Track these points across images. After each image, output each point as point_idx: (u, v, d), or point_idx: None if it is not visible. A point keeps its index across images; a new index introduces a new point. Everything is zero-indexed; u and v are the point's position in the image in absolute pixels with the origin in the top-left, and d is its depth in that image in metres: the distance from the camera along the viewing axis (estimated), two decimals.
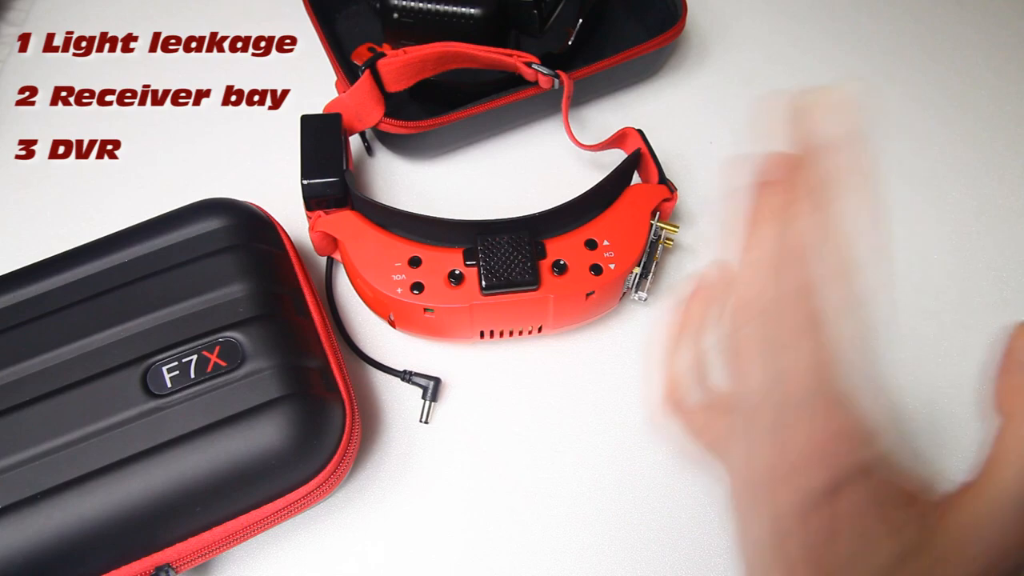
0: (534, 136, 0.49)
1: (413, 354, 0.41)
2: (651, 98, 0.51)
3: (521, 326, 0.39)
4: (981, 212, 0.47)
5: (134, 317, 0.34)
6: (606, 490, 0.38)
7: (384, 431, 0.39)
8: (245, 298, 0.34)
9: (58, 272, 0.36)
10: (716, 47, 0.54)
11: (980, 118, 0.51)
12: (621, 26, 0.52)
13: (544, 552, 0.36)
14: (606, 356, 0.42)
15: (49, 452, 0.31)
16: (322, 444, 0.33)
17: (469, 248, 0.37)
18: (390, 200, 0.46)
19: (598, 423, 0.40)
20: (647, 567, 0.36)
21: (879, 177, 0.23)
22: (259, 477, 0.32)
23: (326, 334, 0.37)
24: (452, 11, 0.46)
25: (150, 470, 0.30)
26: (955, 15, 0.56)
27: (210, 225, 0.37)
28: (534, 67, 0.43)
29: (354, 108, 0.43)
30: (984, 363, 0.43)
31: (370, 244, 0.38)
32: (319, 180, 0.38)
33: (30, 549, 0.29)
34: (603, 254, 0.38)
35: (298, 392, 0.33)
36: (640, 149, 0.43)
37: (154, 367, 0.33)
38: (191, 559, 0.32)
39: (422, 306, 0.37)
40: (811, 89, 0.23)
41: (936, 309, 0.44)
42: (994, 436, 0.22)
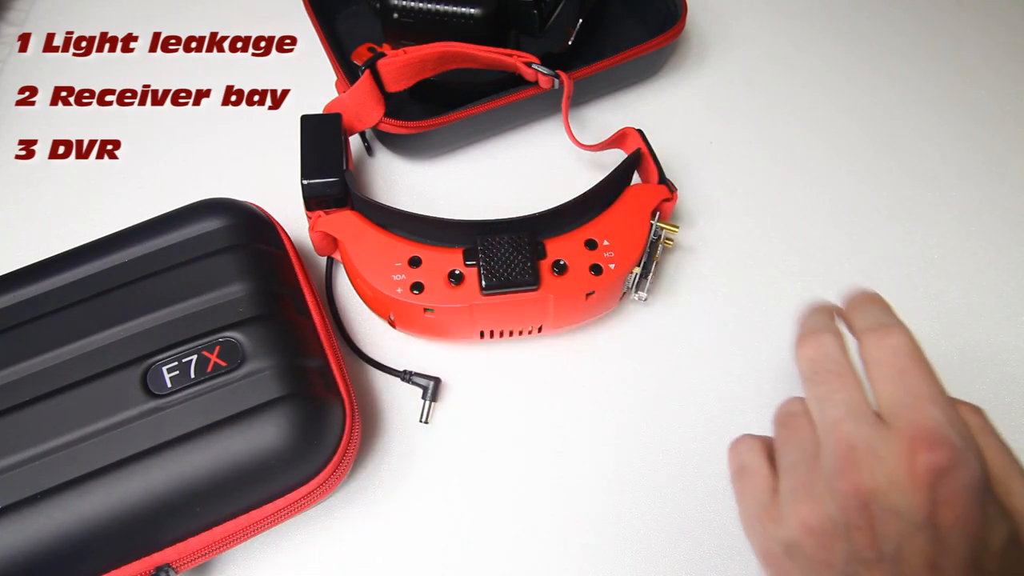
0: (534, 136, 0.49)
1: (413, 354, 0.41)
2: (651, 98, 0.51)
3: (521, 326, 0.39)
4: (982, 212, 0.47)
5: (134, 317, 0.34)
6: (606, 490, 0.38)
7: (384, 431, 0.39)
8: (245, 298, 0.34)
9: (58, 272, 0.36)
10: (716, 47, 0.54)
11: (980, 118, 0.51)
12: (621, 26, 0.52)
13: (544, 552, 0.36)
14: (606, 356, 0.42)
15: (49, 452, 0.31)
16: (322, 444, 0.33)
17: (469, 248, 0.37)
18: (390, 200, 0.46)
19: (598, 423, 0.40)
20: (647, 567, 0.36)
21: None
22: (259, 477, 0.32)
23: (326, 334, 0.37)
24: (452, 11, 0.46)
25: (150, 470, 0.30)
26: (955, 15, 0.57)
27: (210, 225, 0.37)
28: (534, 67, 0.43)
29: (354, 108, 0.43)
30: (984, 364, 0.43)
31: (370, 244, 0.38)
32: (319, 180, 0.38)
33: (30, 549, 0.29)
34: (603, 254, 0.38)
35: (298, 392, 0.33)
36: (640, 149, 0.43)
37: (154, 367, 0.33)
38: (191, 559, 0.32)
39: (422, 306, 0.37)
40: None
41: (936, 309, 0.44)
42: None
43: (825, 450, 0.25)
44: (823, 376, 0.26)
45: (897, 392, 0.25)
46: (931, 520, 0.23)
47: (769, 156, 0.49)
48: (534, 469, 0.38)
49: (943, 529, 0.23)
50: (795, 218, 0.47)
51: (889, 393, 0.25)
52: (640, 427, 0.40)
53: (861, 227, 0.47)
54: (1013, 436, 0.40)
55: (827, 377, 0.26)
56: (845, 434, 0.24)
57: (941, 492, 0.23)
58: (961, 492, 0.23)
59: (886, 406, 0.25)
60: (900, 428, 0.24)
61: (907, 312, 0.43)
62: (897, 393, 0.25)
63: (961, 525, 0.23)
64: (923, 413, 0.24)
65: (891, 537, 0.23)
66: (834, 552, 0.24)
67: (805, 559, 0.25)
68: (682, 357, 0.41)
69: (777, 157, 0.49)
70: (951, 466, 0.23)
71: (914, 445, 0.23)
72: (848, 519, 0.24)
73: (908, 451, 0.23)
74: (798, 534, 0.25)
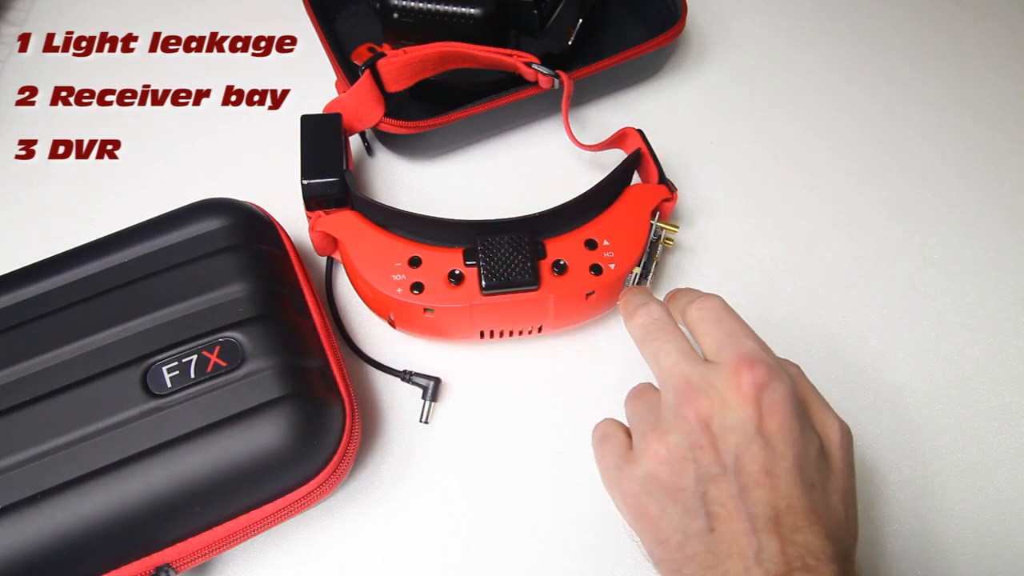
0: (534, 136, 0.49)
1: (413, 354, 0.41)
2: (651, 98, 0.51)
3: (521, 326, 0.39)
4: (982, 212, 0.47)
5: (134, 317, 0.34)
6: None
7: (384, 431, 0.39)
8: (245, 298, 0.34)
9: (58, 272, 0.36)
10: (716, 47, 0.54)
11: (980, 118, 0.51)
12: (621, 26, 0.52)
13: (544, 552, 0.36)
14: (606, 356, 0.42)
15: (49, 452, 0.31)
16: (322, 444, 0.33)
17: (469, 248, 0.37)
18: (390, 200, 0.46)
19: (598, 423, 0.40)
20: (647, 567, 0.36)
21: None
22: (259, 477, 0.32)
23: (326, 334, 0.37)
24: (452, 11, 0.46)
25: (150, 470, 0.30)
26: (955, 15, 0.57)
27: (210, 225, 0.37)
28: (534, 67, 0.43)
29: (354, 108, 0.43)
30: (980, 362, 0.43)
31: (370, 244, 0.38)
32: (319, 180, 0.38)
33: (30, 549, 0.29)
34: (603, 254, 0.38)
35: (298, 392, 0.33)
36: (640, 149, 0.43)
37: (154, 367, 0.33)
38: (191, 559, 0.32)
39: (422, 306, 0.37)
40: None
41: (935, 309, 0.44)
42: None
43: (666, 392, 0.29)
44: (655, 334, 0.31)
45: (718, 336, 0.29)
46: (760, 430, 0.27)
47: (769, 156, 0.49)
48: (534, 469, 0.38)
49: (771, 437, 0.27)
50: (795, 218, 0.47)
51: (712, 339, 0.30)
52: None
53: (861, 227, 0.47)
54: (1013, 436, 0.40)
55: (658, 334, 0.31)
56: (681, 372, 0.29)
57: (765, 403, 0.27)
58: (781, 402, 0.27)
59: (711, 349, 0.29)
60: (725, 360, 0.28)
61: (907, 312, 0.44)
62: (718, 337, 0.29)
63: (784, 432, 0.27)
64: (741, 344, 0.28)
65: (730, 450, 0.27)
66: (685, 475, 0.27)
67: (660, 489, 0.28)
68: None
69: (777, 157, 0.49)
70: (769, 379, 0.27)
71: (738, 369, 0.27)
72: (693, 441, 0.27)
73: (734, 374, 0.27)
74: (652, 465, 0.28)
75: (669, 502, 0.28)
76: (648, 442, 0.29)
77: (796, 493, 0.26)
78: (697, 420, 0.27)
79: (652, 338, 0.31)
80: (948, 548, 0.37)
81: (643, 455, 0.29)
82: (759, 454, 0.26)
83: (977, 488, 0.38)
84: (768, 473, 0.26)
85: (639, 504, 0.29)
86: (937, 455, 0.39)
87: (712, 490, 0.27)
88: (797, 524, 0.26)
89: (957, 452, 0.39)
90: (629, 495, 0.29)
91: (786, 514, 0.26)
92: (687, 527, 0.27)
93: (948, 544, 0.37)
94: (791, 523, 0.26)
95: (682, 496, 0.27)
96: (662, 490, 0.28)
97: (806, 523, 0.26)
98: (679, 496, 0.27)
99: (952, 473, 0.39)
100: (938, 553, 0.37)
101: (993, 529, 0.37)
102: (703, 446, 0.27)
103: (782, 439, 0.27)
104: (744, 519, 0.26)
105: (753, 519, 0.26)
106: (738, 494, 0.26)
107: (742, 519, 0.26)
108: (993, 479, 0.39)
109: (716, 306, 0.31)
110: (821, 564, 0.25)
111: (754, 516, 0.26)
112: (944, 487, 0.38)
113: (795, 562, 0.25)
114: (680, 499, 0.27)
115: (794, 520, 0.26)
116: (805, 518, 0.26)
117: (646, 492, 0.28)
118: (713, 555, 0.26)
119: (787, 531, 0.25)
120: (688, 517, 0.27)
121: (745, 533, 0.26)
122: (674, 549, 0.27)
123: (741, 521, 0.26)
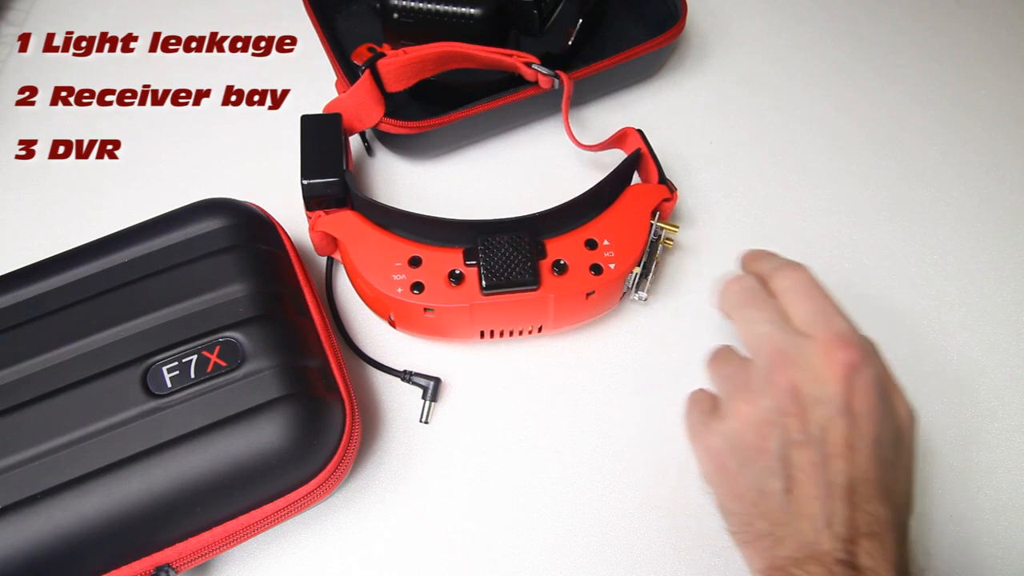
0: (534, 136, 0.49)
1: (413, 354, 0.41)
2: (651, 98, 0.51)
3: (521, 326, 0.39)
4: (982, 212, 0.47)
5: (134, 317, 0.34)
6: (606, 490, 0.38)
7: (384, 431, 0.39)
8: (245, 298, 0.34)
9: (58, 272, 0.36)
10: (716, 47, 0.54)
11: (980, 118, 0.51)
12: (621, 26, 0.52)
13: (544, 552, 0.36)
14: (606, 356, 0.42)
15: (49, 452, 0.31)
16: (322, 444, 0.33)
17: (469, 248, 0.37)
18: (390, 200, 0.46)
19: (598, 423, 0.40)
20: (647, 567, 0.36)
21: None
22: (259, 477, 0.32)
23: (326, 334, 0.37)
24: (452, 11, 0.46)
25: (150, 470, 0.30)
26: (955, 15, 0.56)
27: (210, 225, 0.37)
28: (534, 67, 0.43)
29: (354, 108, 0.43)
30: (985, 365, 0.43)
31: (370, 244, 0.38)
32: (319, 180, 0.38)
33: (30, 549, 0.29)
34: (603, 254, 0.38)
35: (298, 392, 0.33)
36: (640, 149, 0.43)
37: (154, 367, 0.33)
38: (191, 559, 0.32)
39: (422, 306, 0.37)
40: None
41: (936, 309, 0.44)
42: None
43: (757, 357, 0.30)
44: (750, 302, 0.32)
45: (809, 311, 0.30)
46: (848, 407, 0.28)
47: (769, 156, 0.49)
48: (534, 469, 0.38)
49: (857, 415, 0.28)
50: (795, 218, 0.47)
51: (803, 312, 0.30)
52: (641, 427, 0.40)
53: (861, 227, 0.47)
54: (1012, 436, 0.40)
55: (753, 303, 0.32)
56: (775, 342, 0.30)
57: (855, 383, 0.28)
58: (870, 383, 0.28)
59: (802, 322, 0.30)
60: (817, 335, 0.29)
61: (907, 312, 0.44)
62: (810, 311, 0.30)
63: (870, 412, 0.28)
64: (835, 322, 0.30)
65: (816, 421, 0.28)
66: (770, 438, 0.29)
67: (744, 447, 0.30)
68: (682, 357, 0.41)
69: (777, 157, 0.49)
70: (861, 362, 0.28)
71: (831, 346, 0.29)
72: (781, 406, 0.29)
73: (827, 351, 0.29)
74: (739, 424, 0.30)
75: (750, 461, 0.29)
76: (737, 403, 0.30)
77: (872, 467, 0.28)
78: (788, 388, 0.29)
79: (747, 305, 0.32)
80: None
81: (731, 414, 0.30)
82: (844, 429, 0.28)
83: (977, 490, 0.38)
84: (850, 447, 0.28)
85: (720, 459, 0.31)
86: (936, 455, 0.39)
87: (794, 455, 0.28)
88: (869, 495, 0.27)
89: (954, 453, 0.39)
90: (713, 449, 0.31)
91: (861, 485, 0.27)
92: (764, 485, 0.29)
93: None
94: (864, 493, 0.27)
95: (764, 457, 0.29)
96: (745, 448, 0.30)
97: (876, 495, 0.27)
98: (761, 457, 0.29)
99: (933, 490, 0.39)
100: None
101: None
102: (791, 413, 0.29)
103: (867, 418, 0.28)
104: (821, 485, 0.28)
105: (830, 487, 0.27)
106: (820, 462, 0.28)
107: (819, 484, 0.28)
108: (980, 486, 0.39)
109: (804, 278, 0.32)
110: (884, 532, 0.27)
111: (831, 484, 0.27)
112: (940, 494, 0.38)
113: (862, 528, 0.27)
114: (761, 460, 0.29)
115: (867, 491, 0.27)
116: (875, 490, 0.27)
117: (729, 448, 0.30)
118: (786, 514, 0.28)
119: (860, 500, 0.27)
120: (767, 476, 0.29)
121: (820, 498, 0.27)
122: (749, 504, 0.29)
123: (818, 487, 0.28)
